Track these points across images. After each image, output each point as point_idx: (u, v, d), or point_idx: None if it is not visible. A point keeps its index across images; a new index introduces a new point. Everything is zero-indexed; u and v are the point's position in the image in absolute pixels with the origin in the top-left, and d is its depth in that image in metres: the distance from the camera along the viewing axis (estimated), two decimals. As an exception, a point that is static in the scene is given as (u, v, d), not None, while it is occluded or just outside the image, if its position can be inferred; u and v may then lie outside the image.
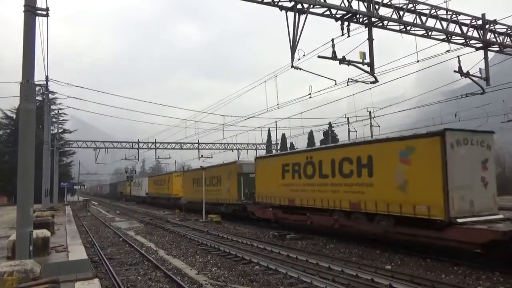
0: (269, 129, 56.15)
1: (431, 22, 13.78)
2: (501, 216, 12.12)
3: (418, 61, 14.18)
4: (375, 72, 12.74)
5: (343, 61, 12.42)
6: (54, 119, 46.47)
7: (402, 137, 13.66)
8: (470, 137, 12.19)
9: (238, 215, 24.80)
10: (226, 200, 25.55)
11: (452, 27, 14.22)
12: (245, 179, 24.27)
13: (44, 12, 9.96)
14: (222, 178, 27.67)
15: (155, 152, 49.13)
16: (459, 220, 11.18)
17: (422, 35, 13.97)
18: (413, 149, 12.54)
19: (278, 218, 19.84)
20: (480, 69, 15.21)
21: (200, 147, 47.72)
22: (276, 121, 43.03)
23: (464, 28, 14.47)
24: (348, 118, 35.90)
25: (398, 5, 13.12)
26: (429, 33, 13.94)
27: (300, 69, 12.55)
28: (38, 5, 9.80)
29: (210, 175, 29.42)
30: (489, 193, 12.20)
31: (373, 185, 13.98)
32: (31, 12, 9.55)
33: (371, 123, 33.64)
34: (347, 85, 13.73)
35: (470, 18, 14.53)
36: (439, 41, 14.42)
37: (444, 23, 14.00)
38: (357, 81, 13.43)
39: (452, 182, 11.36)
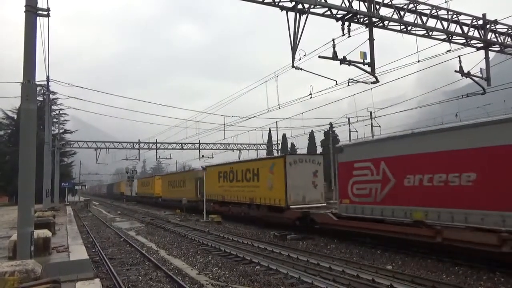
0: (269, 129, 56.18)
1: (431, 22, 13.79)
2: (324, 204, 19.48)
3: (419, 61, 14.19)
4: (375, 72, 12.74)
5: (343, 61, 12.42)
6: (55, 120, 46.54)
7: (272, 157, 22.36)
8: (304, 158, 20.59)
9: (195, 207, 32.87)
10: (188, 197, 34.91)
11: (453, 27, 14.22)
12: (201, 182, 31.52)
13: (45, 12, 9.97)
14: (186, 181, 37.19)
15: (156, 152, 49.18)
16: (292, 207, 19.03)
17: (423, 35, 13.97)
18: (274, 165, 20.81)
19: (216, 209, 27.37)
20: (481, 69, 15.20)
21: (201, 147, 47.75)
22: (276, 121, 43.08)
23: (465, 28, 14.47)
24: (349, 119, 35.95)
25: (398, 5, 13.13)
26: (430, 33, 13.94)
27: (301, 69, 12.56)
28: (39, 5, 9.81)
29: (179, 179, 39.87)
30: (318, 191, 19.99)
31: (259, 187, 22.12)
32: (32, 12, 9.56)
33: (372, 123, 33.66)
34: (348, 85, 13.74)
35: (471, 18, 14.53)
36: (440, 41, 14.42)
37: (445, 23, 14.00)
38: (358, 81, 13.43)
39: (289, 185, 19.37)
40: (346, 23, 12.43)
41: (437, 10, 13.76)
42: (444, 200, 11.28)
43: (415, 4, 13.36)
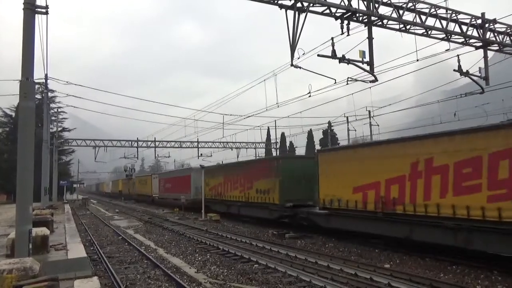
0: (268, 128, 56.12)
1: (430, 21, 13.78)
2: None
3: (417, 60, 14.17)
4: (374, 71, 12.74)
5: (342, 59, 12.41)
6: (53, 118, 46.38)
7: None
8: None
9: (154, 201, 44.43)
10: (147, 193, 45.60)
11: (451, 26, 14.21)
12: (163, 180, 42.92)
13: (44, 10, 9.94)
14: (147, 182, 49.97)
15: (155, 150, 49.14)
16: None
17: (421, 34, 13.96)
18: None
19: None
20: (479, 68, 15.21)
21: (199, 146, 47.69)
22: (275, 120, 43.01)
23: (464, 27, 14.47)
24: (347, 118, 35.92)
25: (397, 4, 13.12)
26: (429, 32, 13.93)
27: (300, 67, 12.55)
28: (38, 3, 9.78)
29: (141, 179, 55.90)
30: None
31: None
32: (31, 10, 9.52)
33: (370, 122, 33.69)
34: (347, 84, 13.73)
35: (470, 17, 14.53)
36: (439, 40, 14.41)
37: (444, 22, 14.00)
38: (356, 80, 13.43)
39: None
40: (345, 22, 12.40)
41: (436, 9, 13.75)
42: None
43: (414, 3, 13.35)
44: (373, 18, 12.71)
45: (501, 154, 10.14)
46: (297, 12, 11.77)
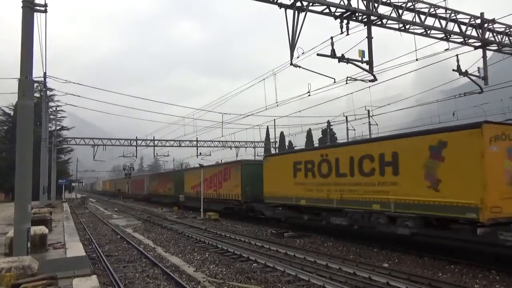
0: (267, 127, 56.15)
1: (430, 21, 13.78)
2: None
3: (417, 60, 14.18)
4: (374, 71, 12.74)
5: (342, 59, 12.41)
6: (52, 116, 46.31)
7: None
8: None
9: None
10: (124, 190, 53.35)
11: (451, 25, 14.22)
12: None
13: (43, 8, 9.92)
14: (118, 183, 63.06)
15: (153, 149, 49.13)
16: None
17: (421, 34, 13.97)
18: None
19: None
20: (478, 68, 15.23)
21: (198, 145, 47.70)
22: (274, 119, 43.01)
23: (463, 27, 14.48)
24: (346, 117, 35.95)
25: (397, 4, 13.12)
26: (428, 32, 13.94)
27: (299, 67, 12.54)
28: (37, 1, 9.76)
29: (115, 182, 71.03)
30: None
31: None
32: (30, 8, 9.51)
33: (369, 121, 33.72)
34: (346, 83, 13.73)
35: (469, 17, 14.54)
36: (438, 40, 14.42)
37: (443, 22, 14.00)
38: (356, 79, 13.43)
39: None
40: (345, 21, 12.40)
41: (436, 8, 13.75)
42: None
43: (413, 3, 13.35)
44: (372, 17, 12.71)
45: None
46: (296, 11, 11.76)
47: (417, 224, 11.74)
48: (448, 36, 14.35)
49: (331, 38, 12.45)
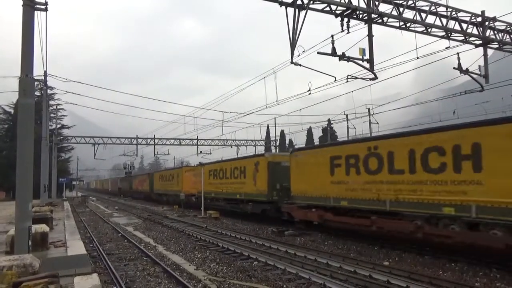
0: (268, 125, 56.15)
1: (430, 19, 13.78)
2: None
3: (417, 58, 14.17)
4: (374, 69, 12.73)
5: (342, 57, 12.41)
6: (52, 115, 46.33)
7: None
8: None
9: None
10: (109, 188, 62.18)
11: (451, 24, 14.22)
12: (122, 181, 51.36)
13: (43, 7, 9.91)
14: (110, 182, 68.87)
15: (154, 148, 49.15)
16: None
17: (421, 32, 13.96)
18: None
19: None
20: (479, 66, 15.22)
21: (199, 143, 47.72)
22: (275, 118, 43.03)
23: (464, 25, 14.47)
24: (347, 115, 35.94)
25: (398, 2, 13.11)
26: (429, 30, 13.93)
27: (300, 65, 12.53)
28: (37, -1, 9.75)
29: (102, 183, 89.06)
30: None
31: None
32: (30, 6, 9.50)
33: (370, 120, 33.71)
34: (347, 81, 13.72)
35: (470, 15, 14.52)
36: (439, 38, 14.41)
37: (444, 20, 14.00)
38: (356, 78, 13.42)
39: None
40: (345, 19, 12.40)
41: (436, 7, 13.75)
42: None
43: (414, 1, 13.34)
44: (373, 15, 12.71)
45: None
46: (297, 10, 11.76)
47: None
48: (449, 34, 14.34)
49: (332, 36, 12.46)
